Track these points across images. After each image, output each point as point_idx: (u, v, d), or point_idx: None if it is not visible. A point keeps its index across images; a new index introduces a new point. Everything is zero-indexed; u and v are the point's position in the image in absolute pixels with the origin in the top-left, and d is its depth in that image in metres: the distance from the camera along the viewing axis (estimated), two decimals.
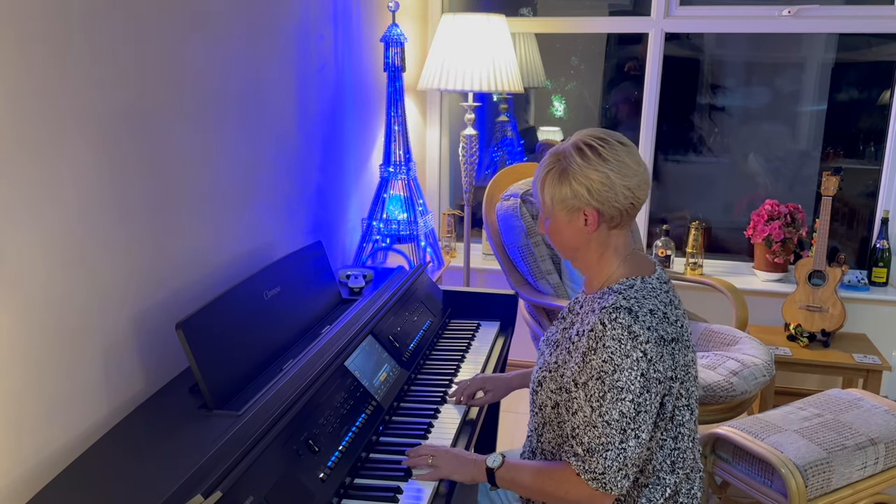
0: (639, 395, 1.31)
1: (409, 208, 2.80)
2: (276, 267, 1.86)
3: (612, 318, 1.33)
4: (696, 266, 3.37)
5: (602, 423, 1.32)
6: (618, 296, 1.36)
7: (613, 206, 1.37)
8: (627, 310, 1.33)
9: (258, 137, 2.08)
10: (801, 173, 3.56)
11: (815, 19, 3.18)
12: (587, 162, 1.36)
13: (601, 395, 1.32)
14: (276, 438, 1.34)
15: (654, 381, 1.33)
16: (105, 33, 1.45)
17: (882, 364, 2.88)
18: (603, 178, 1.35)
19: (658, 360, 1.33)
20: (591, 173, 1.36)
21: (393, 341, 1.91)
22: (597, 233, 1.41)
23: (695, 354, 1.46)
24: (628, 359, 1.30)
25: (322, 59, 2.48)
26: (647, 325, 1.33)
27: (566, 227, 1.42)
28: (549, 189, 1.41)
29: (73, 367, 1.43)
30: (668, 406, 1.38)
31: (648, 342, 1.31)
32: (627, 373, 1.30)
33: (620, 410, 1.31)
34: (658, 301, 1.38)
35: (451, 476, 1.48)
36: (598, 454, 1.32)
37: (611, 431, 1.31)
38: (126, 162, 1.54)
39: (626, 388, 1.30)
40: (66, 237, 1.39)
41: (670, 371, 1.36)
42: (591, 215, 1.39)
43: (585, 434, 1.34)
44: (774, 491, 1.99)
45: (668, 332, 1.36)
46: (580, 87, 3.81)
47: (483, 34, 2.98)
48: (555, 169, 1.40)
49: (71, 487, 1.27)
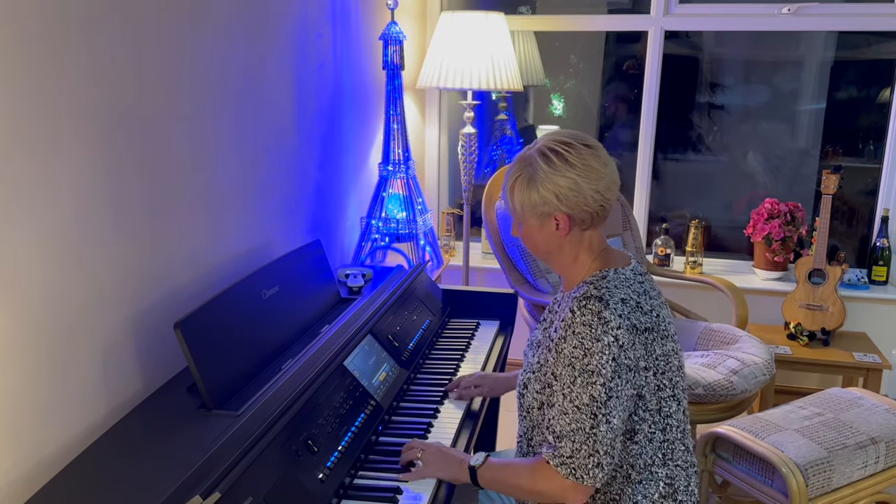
0: (610, 379, 1.30)
1: (408, 207, 2.79)
2: (274, 266, 1.85)
3: (581, 306, 1.33)
4: (696, 265, 3.36)
5: (573, 409, 1.31)
6: (589, 286, 1.37)
7: (583, 209, 1.37)
8: (598, 298, 1.33)
9: (257, 136, 2.08)
10: (800, 172, 3.56)
11: (814, 17, 3.17)
12: (553, 168, 1.36)
13: (572, 381, 1.31)
14: (275, 439, 1.33)
15: (626, 367, 1.32)
16: (103, 33, 1.45)
17: (882, 363, 2.88)
18: (570, 183, 1.35)
19: (630, 348, 1.32)
20: (559, 179, 1.35)
21: (392, 340, 1.91)
22: (569, 237, 1.41)
23: (676, 344, 1.45)
24: (599, 343, 1.30)
25: (321, 58, 2.47)
26: (619, 313, 1.32)
27: (538, 232, 1.42)
28: (518, 195, 1.41)
29: (71, 368, 1.42)
30: (652, 398, 1.38)
31: (620, 328, 1.31)
32: (598, 357, 1.30)
33: (591, 394, 1.30)
34: (631, 291, 1.38)
35: (437, 475, 1.47)
36: (566, 438, 1.31)
37: (581, 416, 1.30)
38: (124, 161, 1.53)
39: (597, 371, 1.30)
40: (63, 237, 1.38)
41: (643, 360, 1.35)
42: (562, 220, 1.39)
43: (558, 422, 1.33)
44: (775, 490, 1.98)
45: (642, 322, 1.36)
46: (579, 86, 3.80)
47: (482, 32, 2.97)
48: (522, 175, 1.40)
49: (69, 488, 1.26)
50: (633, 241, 3.01)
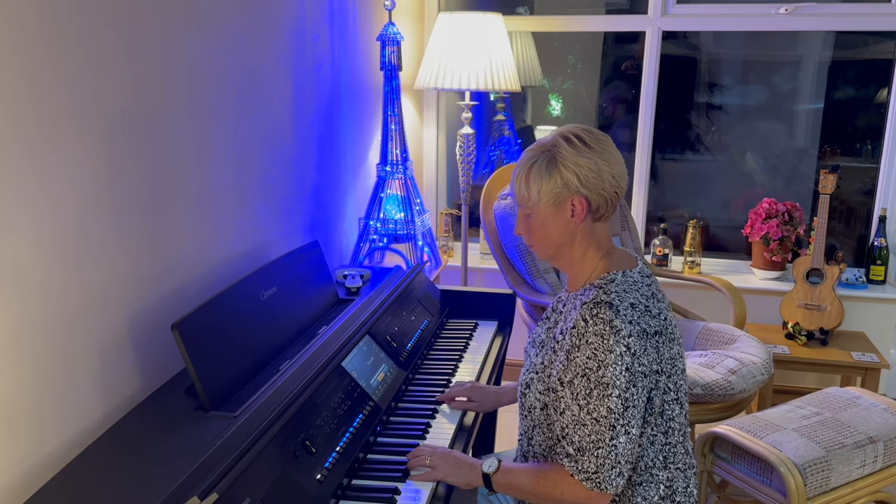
0: (625, 389, 1.30)
1: (406, 207, 2.79)
2: (272, 267, 1.85)
3: (593, 314, 1.33)
4: (694, 265, 3.36)
5: (591, 421, 1.31)
6: (598, 290, 1.37)
7: (600, 193, 1.39)
8: (608, 304, 1.33)
9: (254, 137, 2.08)
10: (798, 171, 3.56)
11: (812, 17, 3.18)
12: (576, 150, 1.38)
13: (587, 393, 1.31)
14: (273, 440, 1.33)
15: (640, 374, 1.32)
16: (101, 34, 1.44)
17: (880, 362, 2.88)
18: (592, 164, 1.38)
19: (642, 354, 1.33)
20: (581, 160, 1.38)
21: (390, 341, 1.90)
22: (582, 225, 1.41)
23: (681, 348, 1.46)
24: (612, 354, 1.30)
25: (318, 58, 2.47)
26: (629, 319, 1.33)
27: (552, 220, 1.42)
28: (535, 182, 1.41)
29: (69, 369, 1.42)
30: (657, 401, 1.38)
31: (631, 336, 1.31)
32: (612, 368, 1.30)
33: (608, 407, 1.30)
34: (639, 294, 1.39)
35: (447, 479, 1.47)
36: (589, 452, 1.32)
37: (600, 428, 1.31)
38: (122, 161, 1.53)
39: (612, 383, 1.30)
40: (61, 237, 1.38)
41: (655, 364, 1.36)
42: (578, 204, 1.39)
43: (575, 433, 1.33)
44: (773, 490, 1.98)
45: (651, 326, 1.36)
46: (577, 86, 3.80)
47: (480, 33, 2.97)
48: (541, 160, 1.40)
49: (66, 490, 1.26)
50: (631, 240, 3.01)
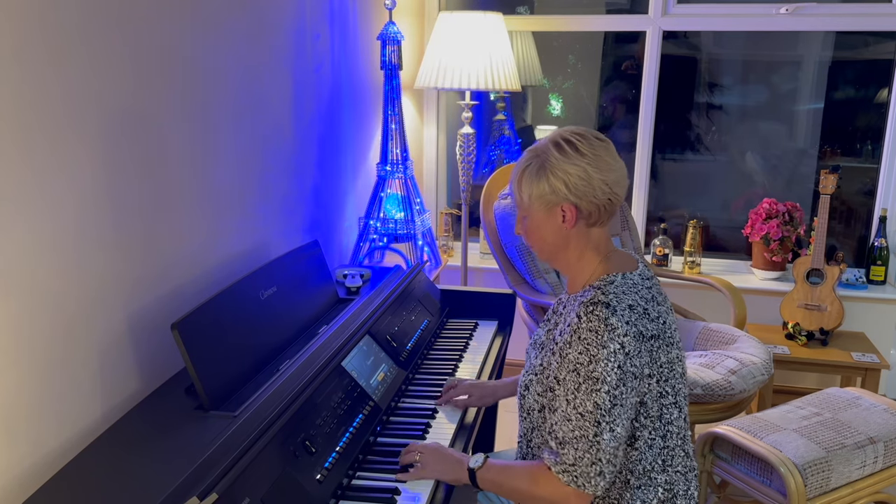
0: (615, 387, 1.29)
1: (406, 207, 2.79)
2: (272, 266, 1.85)
3: (588, 312, 1.33)
4: (694, 265, 3.36)
5: (576, 416, 1.31)
6: (596, 291, 1.37)
7: (591, 201, 1.38)
8: (605, 304, 1.33)
9: (254, 136, 2.07)
10: (798, 171, 3.56)
11: (812, 17, 3.17)
12: (564, 156, 1.37)
13: (576, 388, 1.31)
14: (273, 439, 1.33)
15: (631, 375, 1.31)
16: (101, 34, 1.44)
17: (880, 362, 2.88)
18: (580, 172, 1.36)
19: (636, 356, 1.32)
20: (569, 167, 1.37)
21: (390, 341, 1.90)
22: (575, 230, 1.41)
23: (681, 351, 1.45)
24: (605, 349, 1.30)
25: (319, 58, 2.47)
26: (626, 320, 1.32)
27: (544, 224, 1.42)
28: (526, 185, 1.41)
29: (68, 368, 1.42)
30: (653, 405, 1.37)
31: (626, 335, 1.31)
32: (604, 363, 1.29)
33: (595, 402, 1.29)
34: (639, 297, 1.38)
35: (436, 476, 1.46)
36: (569, 445, 1.31)
37: (584, 424, 1.30)
38: (121, 161, 1.52)
39: (602, 378, 1.29)
40: (60, 237, 1.37)
41: (647, 368, 1.35)
42: (568, 211, 1.39)
43: (560, 428, 1.33)
44: (773, 490, 1.98)
45: (648, 329, 1.35)
46: (577, 86, 3.80)
47: (480, 32, 2.97)
48: (532, 164, 1.41)
49: (66, 489, 1.25)
50: (631, 241, 3.00)
